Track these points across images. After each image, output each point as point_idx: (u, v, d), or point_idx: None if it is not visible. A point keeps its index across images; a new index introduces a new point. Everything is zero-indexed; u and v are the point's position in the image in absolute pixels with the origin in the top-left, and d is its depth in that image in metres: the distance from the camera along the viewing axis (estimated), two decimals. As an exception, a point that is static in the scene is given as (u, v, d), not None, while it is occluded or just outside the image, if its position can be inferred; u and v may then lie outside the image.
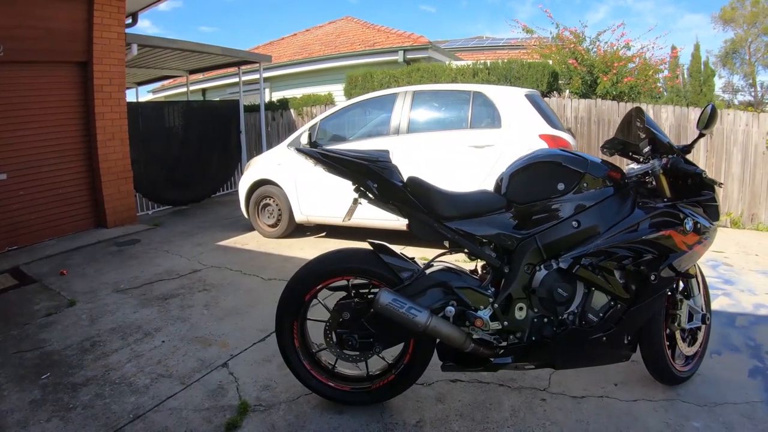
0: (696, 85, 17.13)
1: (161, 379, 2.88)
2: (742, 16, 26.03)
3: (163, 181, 8.25)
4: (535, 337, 2.38)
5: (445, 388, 2.81)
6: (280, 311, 2.52)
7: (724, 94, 26.38)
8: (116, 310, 3.97)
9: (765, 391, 2.84)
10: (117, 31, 6.80)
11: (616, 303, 2.41)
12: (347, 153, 2.35)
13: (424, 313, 2.24)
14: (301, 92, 11.95)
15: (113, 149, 6.88)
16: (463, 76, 9.23)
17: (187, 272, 4.91)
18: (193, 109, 9.20)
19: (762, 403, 2.71)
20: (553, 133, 5.21)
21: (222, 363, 3.07)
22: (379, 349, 2.44)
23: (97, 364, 3.09)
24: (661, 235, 2.40)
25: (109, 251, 5.80)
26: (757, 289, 4.62)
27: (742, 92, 27.56)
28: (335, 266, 2.48)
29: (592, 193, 2.39)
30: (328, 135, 6.12)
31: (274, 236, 6.29)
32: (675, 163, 2.49)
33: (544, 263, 2.36)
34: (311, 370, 2.57)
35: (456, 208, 2.39)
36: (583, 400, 2.70)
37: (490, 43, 20.50)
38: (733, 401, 2.71)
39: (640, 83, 9.60)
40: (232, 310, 3.92)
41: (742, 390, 2.83)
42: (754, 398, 2.75)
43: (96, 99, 6.63)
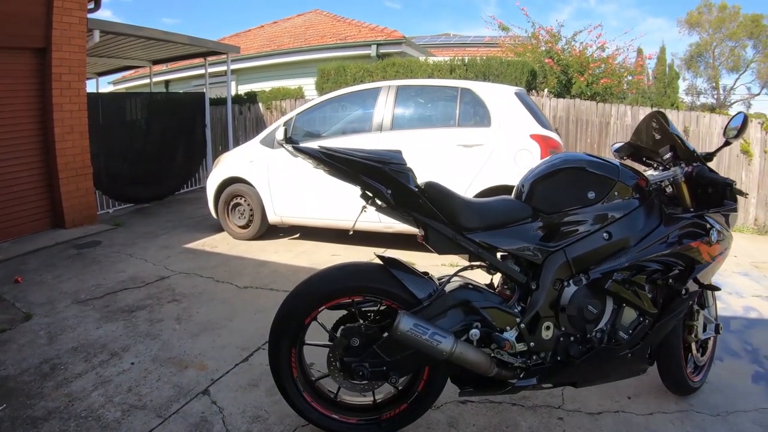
0: (660, 87, 17.46)
1: (134, 412, 2.51)
2: (708, 21, 26.81)
3: (125, 178, 7.79)
4: (560, 357, 2.21)
5: (455, 411, 2.60)
6: (275, 337, 2.19)
7: (687, 96, 27.22)
8: (77, 325, 3.57)
9: None
10: (78, 15, 6.32)
11: (645, 318, 2.27)
12: (355, 153, 2.05)
13: (449, 339, 2.00)
14: (269, 85, 11.62)
15: (72, 143, 6.40)
16: (440, 71, 9.09)
17: (154, 279, 4.53)
18: (157, 101, 8.74)
19: None
20: (544, 133, 5.04)
21: (202, 389, 2.73)
22: (395, 380, 2.16)
23: (59, 392, 2.69)
24: (689, 246, 2.29)
25: (68, 255, 5.36)
26: (743, 291, 4.67)
27: (705, 95, 28.49)
28: (342, 285, 2.17)
29: (621, 202, 2.23)
30: (303, 131, 5.80)
31: (245, 238, 5.95)
32: (701, 172, 2.42)
33: (572, 278, 2.18)
34: (312, 401, 2.27)
35: (479, 217, 2.16)
36: (600, 417, 2.60)
37: (457, 40, 20.62)
38: (743, 409, 2.70)
39: (614, 84, 9.75)
40: (207, 325, 3.58)
41: (749, 397, 2.84)
42: (762, 405, 2.75)
43: (54, 89, 6.14)
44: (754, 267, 5.52)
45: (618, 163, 2.36)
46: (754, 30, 25.46)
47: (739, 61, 26.80)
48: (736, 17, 25.85)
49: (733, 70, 27.41)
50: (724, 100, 27.61)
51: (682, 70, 26.46)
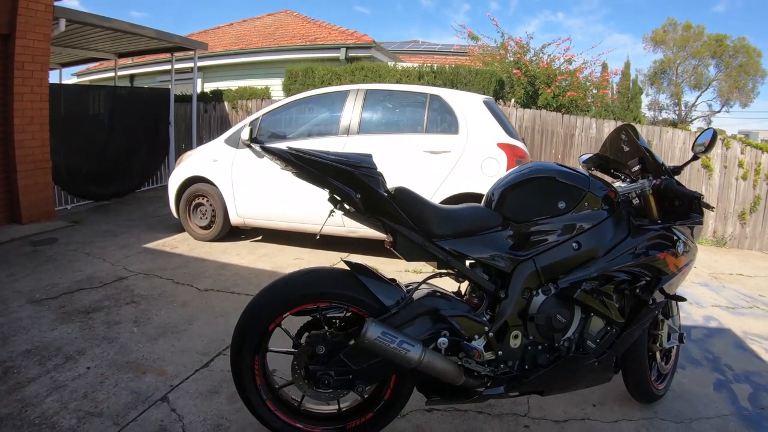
0: (624, 101, 17.90)
1: (90, 419, 2.42)
2: (672, 39, 27.66)
3: (85, 173, 7.54)
4: (528, 366, 2.23)
5: (422, 419, 2.60)
6: (238, 343, 2.13)
7: (649, 111, 28.02)
8: (31, 326, 3.44)
9: (732, 403, 2.96)
10: (45, 2, 6.11)
11: (612, 327, 2.31)
12: (325, 155, 2.00)
13: (417, 347, 1.99)
14: (236, 84, 11.48)
15: (31, 135, 6.18)
16: (409, 77, 9.13)
17: (112, 280, 4.41)
18: (121, 95, 8.49)
19: (732, 416, 2.82)
20: (511, 142, 5.09)
21: (161, 396, 2.65)
22: (361, 388, 2.11)
23: (11, 397, 2.57)
24: (656, 257, 2.34)
25: (23, 252, 5.18)
26: (703, 301, 4.83)
27: (667, 110, 29.41)
28: (307, 291, 2.12)
29: (590, 213, 2.26)
30: (270, 131, 5.72)
31: (206, 239, 5.84)
32: (669, 185, 2.44)
33: (541, 287, 2.19)
34: (276, 410, 2.22)
35: (449, 225, 2.15)
36: (566, 424, 2.63)
37: (425, 47, 20.86)
38: (706, 416, 2.79)
39: (580, 97, 9.94)
40: (167, 328, 3.49)
41: (712, 404, 2.93)
42: (724, 411, 2.85)
43: (16, 77, 5.92)
44: (713, 278, 5.69)
45: (588, 174, 2.40)
46: (717, 49, 26.41)
47: (702, 78, 27.79)
48: (701, 36, 26.79)
49: (695, 88, 28.48)
50: (685, 116, 28.51)
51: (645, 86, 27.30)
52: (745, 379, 3.29)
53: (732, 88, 27.53)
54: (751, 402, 3.00)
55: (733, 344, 3.91)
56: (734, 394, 3.08)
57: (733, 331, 4.15)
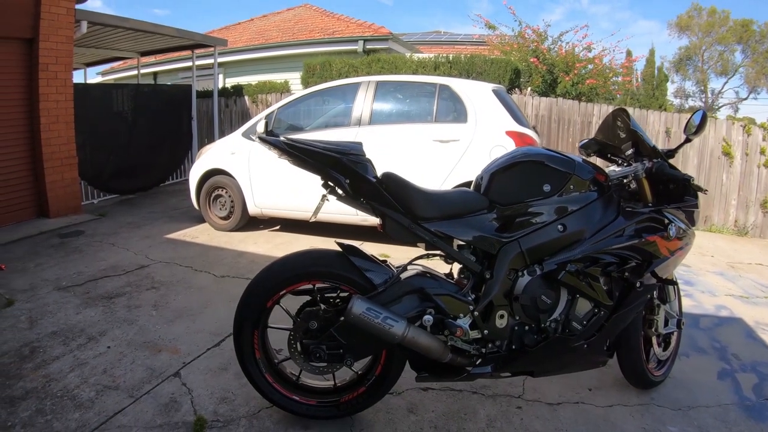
0: (649, 89, 17.63)
1: (107, 392, 2.62)
2: (698, 25, 27.05)
3: (110, 169, 7.80)
4: (515, 346, 2.29)
5: (416, 398, 2.69)
6: (239, 319, 2.29)
7: (675, 98, 27.49)
8: (57, 310, 3.66)
9: (735, 393, 2.90)
10: (66, 6, 6.33)
11: (600, 310, 2.34)
12: (316, 144, 2.13)
13: (401, 323, 2.08)
14: (256, 79, 11.64)
15: (57, 133, 6.43)
16: (425, 68, 9.15)
17: (134, 268, 4.63)
18: (144, 93, 8.75)
19: (734, 405, 2.76)
20: (520, 130, 5.14)
21: (174, 372, 2.84)
22: (350, 362, 2.25)
23: (37, 373, 2.79)
24: (646, 240, 2.36)
25: (52, 244, 5.43)
26: (716, 290, 4.72)
27: (693, 98, 28.79)
28: (301, 270, 2.26)
29: (577, 196, 2.30)
30: (286, 124, 5.89)
31: (226, 229, 6.03)
32: (660, 168, 2.45)
33: (527, 269, 2.25)
34: (274, 383, 2.37)
35: (435, 207, 2.24)
36: (559, 407, 2.66)
37: (447, 38, 20.60)
38: (705, 404, 2.75)
39: (600, 85, 9.81)
40: (183, 311, 3.68)
41: (713, 392, 2.88)
42: (725, 401, 2.80)
43: (41, 79, 6.16)
44: (730, 267, 5.59)
45: (576, 157, 2.42)
46: (743, 35, 25.73)
47: (728, 65, 27.10)
48: (726, 22, 26.12)
49: (721, 74, 27.75)
50: (712, 103, 27.87)
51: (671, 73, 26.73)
52: (752, 369, 3.22)
53: (759, 75, 26.82)
54: (755, 392, 2.93)
55: (743, 333, 3.82)
56: (738, 383, 3.02)
57: (744, 320, 4.06)
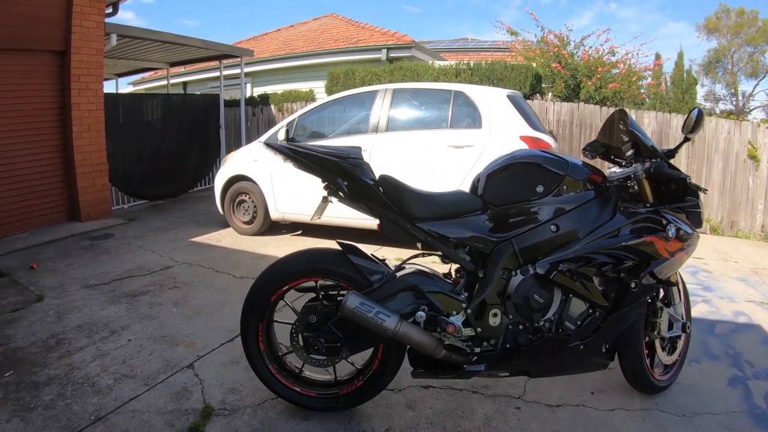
0: (678, 93, 17.35)
1: (125, 380, 2.80)
2: (726, 26, 26.48)
3: (140, 175, 8.10)
4: (509, 345, 2.31)
5: (416, 395, 2.75)
6: (245, 312, 2.44)
7: (705, 102, 26.91)
8: (84, 306, 3.87)
9: (745, 400, 2.82)
10: (96, 20, 6.64)
11: (595, 311, 2.34)
12: (317, 149, 2.27)
13: (393, 318, 2.16)
14: (282, 88, 11.84)
15: (89, 141, 6.72)
16: (446, 76, 9.20)
17: (159, 269, 4.82)
18: (173, 102, 9.07)
19: (742, 413, 2.68)
20: (534, 135, 5.17)
21: (188, 364, 3.00)
22: (346, 354, 2.35)
23: (61, 362, 3.00)
24: (642, 241, 2.35)
25: (82, 245, 5.68)
26: (736, 296, 4.61)
27: (724, 101, 28.10)
28: (301, 267, 2.40)
29: (572, 196, 2.32)
30: (307, 131, 6.05)
31: (249, 233, 6.21)
32: (659, 168, 2.43)
33: (520, 268, 2.27)
34: (276, 374, 2.49)
35: (429, 208, 2.31)
36: (559, 409, 2.66)
37: (474, 45, 20.59)
38: (712, 411, 2.68)
39: (624, 89, 9.65)
40: (202, 309, 3.84)
41: (721, 399, 2.80)
42: (733, 408, 2.72)
43: (72, 89, 6.47)
44: (753, 273, 5.47)
45: (570, 158, 2.43)
46: None
47: (758, 66, 26.37)
48: (755, 22, 25.49)
49: (752, 76, 26.99)
50: (743, 106, 27.24)
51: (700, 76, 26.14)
52: (766, 377, 3.11)
53: (790, 76, 26.23)
54: (766, 400, 2.84)
55: (760, 340, 3.69)
56: (749, 390, 2.92)
57: (762, 327, 3.93)
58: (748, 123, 7.65)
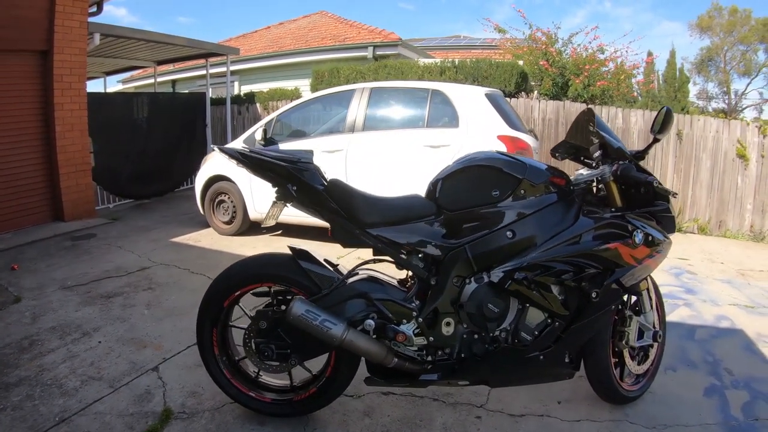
0: (671, 91, 17.38)
1: (91, 382, 2.85)
2: (719, 25, 26.47)
3: (126, 175, 8.12)
4: (464, 354, 2.27)
5: (375, 402, 2.73)
6: (200, 317, 2.45)
7: (698, 100, 26.90)
8: (59, 307, 3.93)
9: (721, 411, 2.73)
10: (79, 19, 6.66)
11: (554, 321, 2.27)
12: (267, 154, 2.25)
13: (339, 326, 2.13)
14: (271, 86, 11.83)
15: (72, 141, 6.75)
16: (431, 74, 9.19)
17: (136, 269, 4.87)
18: (159, 101, 9.09)
19: (717, 425, 2.59)
20: (512, 134, 5.17)
21: (153, 366, 3.05)
22: (295, 361, 2.33)
23: (32, 363, 3.06)
24: (605, 248, 2.24)
25: (64, 246, 5.73)
26: (719, 299, 4.53)
27: (716, 99, 28.08)
28: (254, 272, 2.39)
29: (531, 200, 2.24)
30: (286, 131, 6.09)
31: (228, 233, 6.24)
32: (626, 170, 2.34)
33: (474, 276, 2.22)
34: (232, 378, 2.49)
35: (379, 213, 2.27)
36: (522, 419, 2.59)
37: (467, 42, 20.47)
38: (685, 423, 2.59)
39: (613, 87, 9.63)
40: (173, 311, 3.89)
41: (696, 410, 2.72)
42: (708, 420, 2.63)
43: (55, 89, 6.50)
44: (739, 274, 5.39)
45: (528, 160, 2.35)
46: (765, 34, 25.04)
47: (751, 65, 26.36)
48: (748, 21, 25.49)
49: (744, 75, 26.97)
50: (735, 105, 27.28)
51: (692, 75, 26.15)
52: (745, 386, 3.01)
53: (783, 74, 26.32)
54: (744, 411, 2.74)
55: (741, 346, 3.60)
56: (726, 401, 2.84)
57: (745, 332, 3.83)
58: (737, 122, 7.64)
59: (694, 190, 7.61)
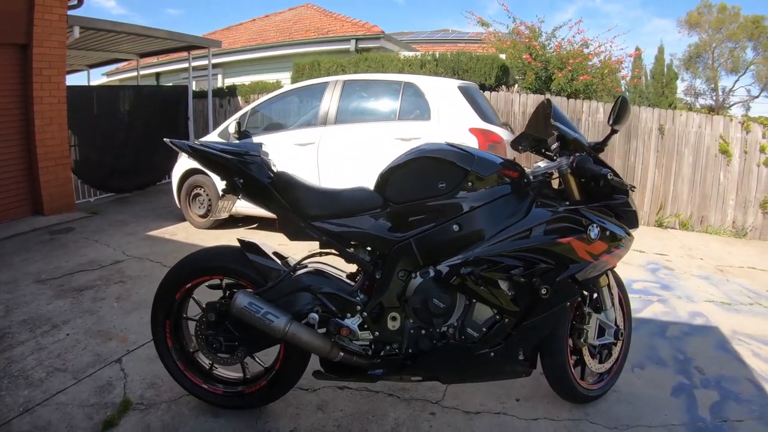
0: (658, 87, 17.55)
1: (56, 373, 2.92)
2: (707, 22, 26.61)
3: (107, 168, 8.13)
4: (412, 350, 2.25)
5: (330, 395, 2.75)
6: (153, 309, 2.48)
7: (686, 97, 27.10)
8: (32, 301, 3.99)
9: (687, 412, 2.69)
10: (59, 12, 6.65)
11: (503, 317, 2.23)
12: (215, 147, 2.27)
13: (281, 318, 2.13)
14: (255, 79, 11.84)
15: (51, 134, 6.76)
16: (411, 66, 9.21)
17: (109, 263, 4.93)
18: (141, 94, 9.09)
19: (682, 426, 2.55)
20: (485, 127, 5.18)
21: (117, 358, 3.11)
22: (242, 353, 2.35)
23: (1, 356, 3.12)
24: (557, 242, 2.19)
25: (41, 240, 5.77)
26: (695, 295, 4.49)
27: (704, 96, 28.26)
28: (201, 265, 2.41)
29: (480, 193, 2.19)
30: (261, 124, 6.13)
31: (204, 227, 6.28)
32: (581, 162, 2.27)
33: (420, 270, 2.20)
34: (185, 370, 2.53)
35: (323, 206, 2.26)
36: (477, 417, 2.58)
37: (455, 36, 20.46)
38: (648, 423, 2.55)
39: (596, 82, 9.65)
40: (142, 303, 3.93)
41: (661, 410, 2.68)
42: (673, 420, 2.59)
43: (35, 83, 6.49)
44: (718, 270, 5.37)
45: (477, 152, 2.30)
46: (754, 31, 25.20)
47: (739, 62, 26.49)
48: (737, 18, 25.61)
49: (732, 72, 27.14)
50: (723, 101, 27.47)
51: (681, 71, 26.27)
52: (715, 385, 2.98)
53: (771, 72, 26.47)
54: (711, 412, 2.69)
55: (714, 344, 3.57)
56: (694, 400, 2.80)
57: (720, 329, 3.80)
58: (720, 117, 7.71)
59: (675, 185, 7.69)
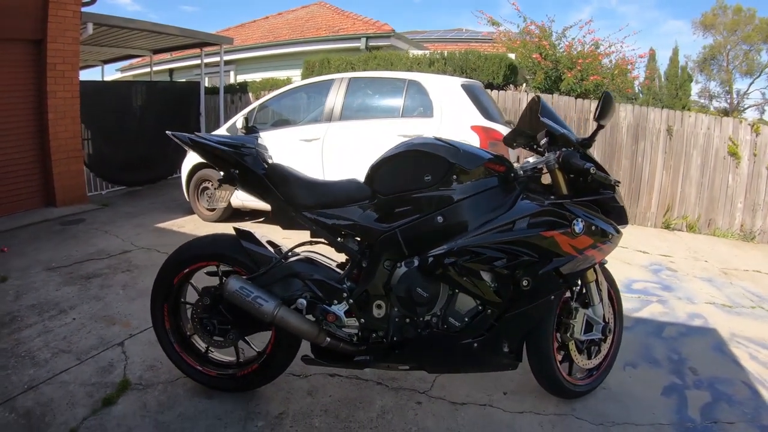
0: (672, 89, 17.39)
1: (61, 354, 3.05)
2: (722, 24, 26.29)
3: (119, 162, 8.27)
4: (397, 338, 2.31)
5: (320, 382, 2.83)
6: (153, 293, 2.61)
7: (700, 99, 26.82)
8: (41, 287, 4.12)
9: (677, 412, 2.68)
10: (73, 9, 6.80)
11: (486, 308, 2.29)
12: (213, 139, 2.36)
13: (271, 302, 2.22)
14: (266, 75, 11.93)
15: (64, 128, 6.92)
16: (420, 65, 9.25)
17: (118, 253, 5.06)
18: (153, 89, 9.23)
19: (670, 426, 2.55)
20: (486, 124, 5.24)
21: (119, 342, 3.23)
22: (233, 337, 2.46)
23: (10, 337, 3.25)
24: (540, 236, 2.22)
25: (53, 230, 5.91)
26: (696, 297, 4.48)
27: (718, 99, 27.96)
28: (199, 251, 2.52)
29: (465, 186, 2.24)
30: (268, 120, 6.23)
31: (211, 220, 6.37)
32: (567, 157, 2.28)
33: (405, 260, 2.27)
34: (181, 353, 2.64)
35: (314, 197, 2.34)
36: (463, 408, 2.62)
37: (468, 36, 20.38)
38: (636, 422, 2.55)
39: (607, 82, 9.58)
40: (146, 291, 3.85)
41: (650, 409, 2.68)
42: (661, 420, 2.58)
43: (49, 77, 6.65)
44: (722, 273, 5.34)
45: (463, 145, 2.34)
46: None
47: (754, 65, 26.20)
48: (752, 20, 25.28)
49: (747, 74, 26.83)
50: (737, 104, 27.14)
51: (695, 73, 25.96)
52: (708, 386, 2.96)
53: (786, 75, 26.19)
54: (702, 413, 2.68)
55: (711, 346, 3.55)
56: (685, 401, 2.79)
57: (718, 331, 3.78)
58: (729, 119, 7.62)
59: (683, 187, 7.61)
